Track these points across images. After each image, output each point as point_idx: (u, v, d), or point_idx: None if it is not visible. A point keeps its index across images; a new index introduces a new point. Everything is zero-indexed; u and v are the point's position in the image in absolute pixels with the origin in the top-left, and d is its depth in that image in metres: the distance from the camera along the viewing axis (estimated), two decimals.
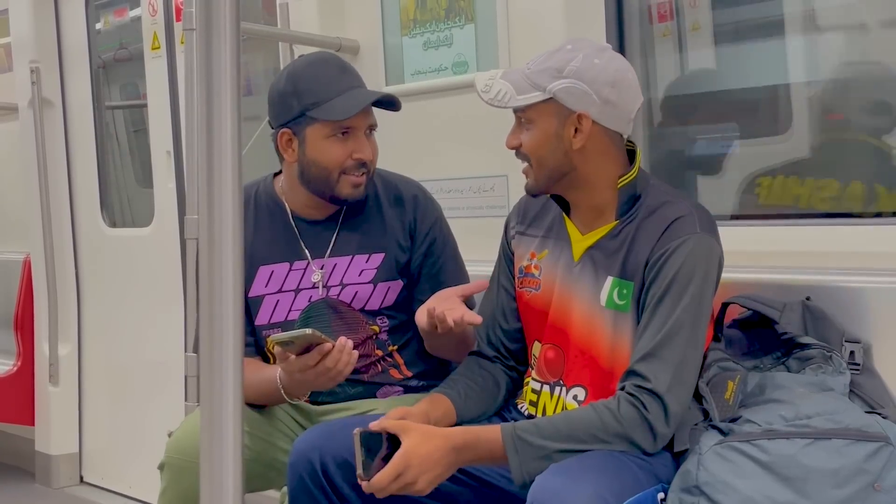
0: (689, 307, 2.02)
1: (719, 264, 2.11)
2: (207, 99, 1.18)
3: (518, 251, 2.35)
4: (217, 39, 1.17)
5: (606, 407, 1.99)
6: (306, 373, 2.23)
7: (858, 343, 2.13)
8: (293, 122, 2.44)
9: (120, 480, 4.73)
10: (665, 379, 1.98)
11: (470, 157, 3.05)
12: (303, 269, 2.52)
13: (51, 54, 4.82)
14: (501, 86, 2.16)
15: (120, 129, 5.10)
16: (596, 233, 2.19)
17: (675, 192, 2.21)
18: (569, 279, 2.21)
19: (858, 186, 2.60)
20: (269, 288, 2.52)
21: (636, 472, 1.94)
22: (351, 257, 2.52)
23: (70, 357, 4.88)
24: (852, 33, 2.87)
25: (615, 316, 2.13)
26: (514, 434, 1.97)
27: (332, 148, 2.42)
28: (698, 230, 2.07)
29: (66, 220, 4.88)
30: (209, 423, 1.19)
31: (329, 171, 2.44)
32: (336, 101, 2.40)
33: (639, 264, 2.10)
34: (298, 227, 2.54)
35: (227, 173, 1.19)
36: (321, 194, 2.49)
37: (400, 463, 1.93)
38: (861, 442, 1.87)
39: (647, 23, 3.01)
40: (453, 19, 3.08)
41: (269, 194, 2.59)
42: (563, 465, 1.91)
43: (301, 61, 2.55)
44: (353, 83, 2.47)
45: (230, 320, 1.19)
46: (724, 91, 3.08)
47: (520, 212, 2.39)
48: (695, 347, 2.04)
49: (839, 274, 2.25)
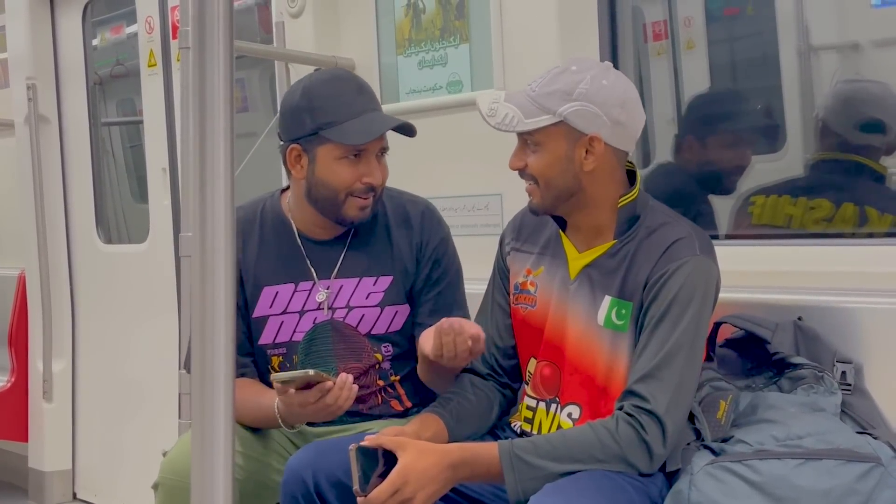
0: (687, 329, 2.02)
1: (717, 287, 2.12)
2: (201, 118, 1.18)
3: (513, 267, 2.34)
4: (211, 58, 1.18)
5: (604, 427, 1.99)
6: (306, 408, 2.21)
7: (850, 363, 2.13)
8: (304, 139, 2.39)
9: (113, 497, 4.72)
10: (663, 400, 1.98)
11: (464, 176, 3.06)
12: (308, 289, 2.48)
13: (47, 71, 4.83)
14: (508, 109, 2.14)
15: (116, 146, 5.11)
16: (593, 251, 2.19)
17: (673, 214, 2.21)
18: (565, 297, 2.21)
19: (850, 207, 2.61)
20: (273, 309, 2.48)
21: (631, 494, 1.94)
22: (358, 279, 2.48)
23: (64, 373, 4.87)
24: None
25: (613, 336, 2.13)
26: (511, 452, 1.97)
27: (342, 170, 2.37)
28: (698, 252, 2.08)
29: (62, 236, 4.88)
30: (200, 440, 1.20)
31: (337, 192, 2.39)
32: (352, 125, 2.35)
33: (638, 284, 2.10)
34: (305, 247, 2.50)
35: (219, 192, 1.19)
36: (326, 213, 2.44)
37: (398, 479, 1.92)
38: (852, 462, 1.87)
39: (641, 41, 3.02)
40: (448, 39, 3.09)
41: (275, 212, 2.54)
42: (558, 485, 1.90)
43: (317, 77, 2.48)
44: (370, 106, 2.41)
45: (222, 338, 1.20)
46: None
47: (515, 227, 2.38)
48: (692, 369, 2.04)
49: (831, 294, 2.26)
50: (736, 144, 3.09)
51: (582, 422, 2.12)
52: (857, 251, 2.42)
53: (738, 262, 2.41)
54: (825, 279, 2.32)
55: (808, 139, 3.03)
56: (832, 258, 2.40)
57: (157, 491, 2.40)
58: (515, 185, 2.26)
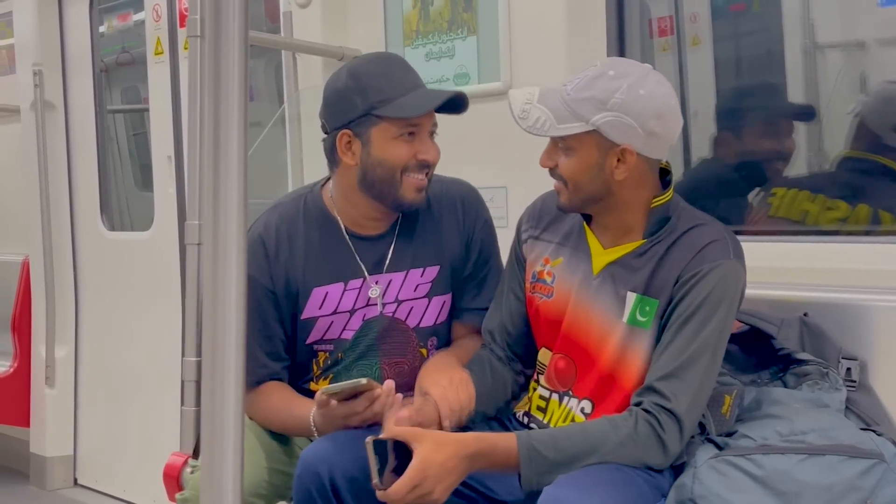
0: (713, 332, 2.01)
1: (742, 293, 2.10)
2: (215, 106, 1.18)
3: (531, 256, 2.32)
4: (226, 48, 1.18)
5: (624, 423, 1.98)
6: (350, 418, 2.17)
7: (855, 360, 2.14)
8: (355, 122, 2.33)
9: (114, 483, 4.74)
10: (685, 401, 1.98)
11: (469, 168, 3.04)
12: (358, 287, 2.42)
13: (54, 57, 4.84)
14: (540, 113, 2.09)
15: (120, 133, 5.12)
16: (620, 248, 2.16)
17: (706, 217, 2.18)
18: (587, 292, 2.18)
19: (864, 209, 2.59)
20: (323, 310, 2.42)
21: (642, 487, 1.95)
22: (406, 272, 2.43)
23: (66, 359, 4.89)
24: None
25: (631, 331, 2.11)
26: (530, 445, 1.96)
27: (398, 148, 2.32)
28: (731, 257, 2.06)
29: (66, 223, 4.90)
30: (210, 428, 1.20)
31: (394, 171, 2.32)
32: (406, 99, 2.31)
33: (667, 282, 2.08)
34: (353, 244, 2.43)
35: (232, 180, 1.19)
36: (383, 198, 2.37)
37: (417, 473, 1.90)
38: (855, 459, 1.87)
39: (647, 37, 3.02)
40: (456, 31, 3.09)
41: (319, 208, 2.46)
42: (571, 477, 1.90)
43: (362, 59, 2.44)
44: (418, 82, 2.37)
45: (233, 327, 1.20)
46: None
47: (534, 215, 2.35)
48: (713, 372, 2.03)
49: (837, 291, 2.26)
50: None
51: (594, 416, 2.12)
52: (864, 248, 2.42)
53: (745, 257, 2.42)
54: (831, 276, 2.32)
55: (812, 138, 3.02)
56: (839, 255, 2.40)
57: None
58: (520, 178, 2.25)
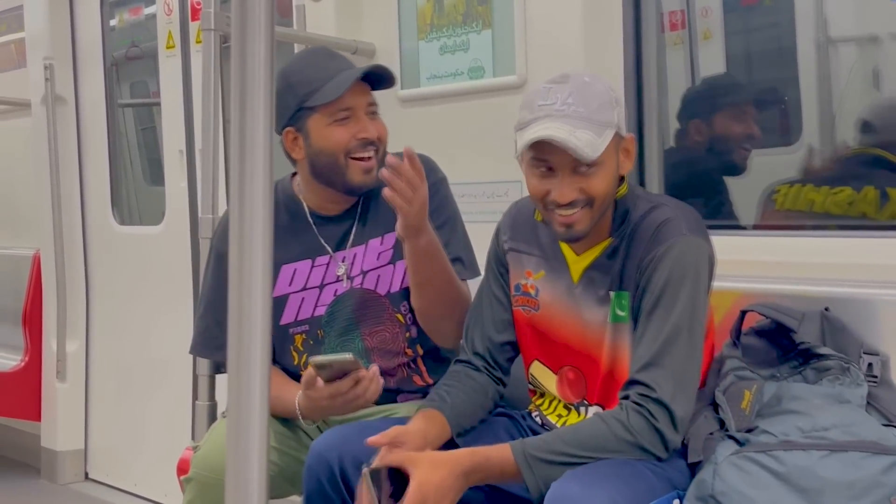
0: (684, 312, 2.02)
1: (710, 263, 2.09)
2: (241, 101, 1.18)
3: (513, 267, 2.32)
4: (252, 42, 1.18)
5: (615, 418, 1.99)
6: (335, 399, 2.23)
7: (877, 355, 2.12)
8: (294, 119, 2.44)
9: (125, 477, 4.74)
10: (668, 387, 1.98)
11: (484, 162, 3.06)
12: (325, 264, 2.52)
13: (65, 51, 4.84)
14: (579, 141, 2.01)
15: (130, 127, 5.12)
16: (592, 252, 2.18)
17: (658, 197, 2.20)
18: (572, 301, 2.20)
19: (871, 191, 2.59)
20: (293, 286, 2.51)
21: (651, 479, 1.95)
22: (366, 244, 2.52)
23: (78, 353, 4.89)
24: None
25: (616, 328, 2.13)
26: (525, 452, 1.97)
27: (334, 133, 2.41)
28: (685, 232, 2.06)
29: (77, 217, 4.90)
30: (235, 427, 1.19)
31: (336, 156, 2.42)
32: (328, 85, 2.39)
33: (632, 272, 2.10)
34: (316, 224, 2.54)
35: (258, 175, 1.19)
36: (334, 185, 2.47)
37: (416, 496, 1.91)
38: (877, 455, 1.86)
39: (658, 31, 3.01)
40: (470, 24, 3.08)
41: (287, 193, 2.58)
42: (578, 472, 1.90)
43: (289, 61, 2.56)
44: (343, 66, 2.45)
45: (258, 323, 1.19)
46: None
47: (510, 226, 2.34)
48: (693, 350, 2.03)
49: (858, 286, 2.24)
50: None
51: None
52: (887, 243, 2.41)
53: (765, 252, 2.41)
54: (853, 271, 2.31)
55: (824, 132, 3.01)
56: (861, 250, 2.39)
57: (188, 485, 2.41)
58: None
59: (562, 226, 2.09)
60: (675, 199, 2.16)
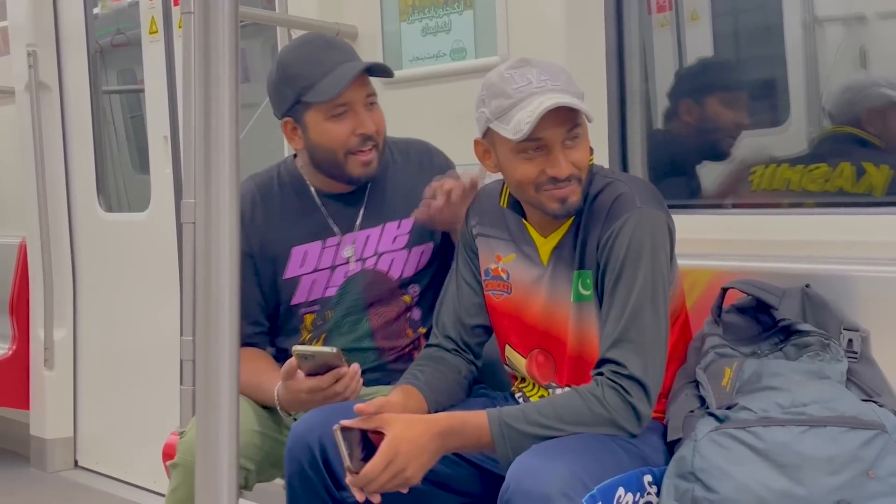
0: (645, 285, 2.02)
1: (669, 232, 2.10)
2: (205, 83, 1.17)
3: (482, 252, 2.32)
4: (215, 23, 1.17)
5: (591, 393, 1.99)
6: (314, 394, 2.22)
7: (857, 331, 2.12)
8: (291, 111, 2.43)
9: (114, 465, 4.74)
10: (638, 362, 1.99)
11: (467, 144, 3.04)
12: (336, 244, 2.51)
13: (48, 38, 4.81)
14: (573, 101, 2.03)
15: (117, 115, 5.10)
16: (556, 234, 2.19)
17: (613, 173, 2.20)
18: (542, 282, 2.20)
19: (847, 167, 2.58)
20: (304, 268, 2.50)
21: (619, 454, 1.95)
22: (382, 226, 2.52)
23: (65, 341, 4.88)
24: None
25: (580, 307, 2.14)
26: (500, 420, 1.97)
27: (333, 128, 2.40)
28: (638, 205, 2.06)
29: (63, 205, 4.88)
30: (204, 405, 1.20)
31: (335, 152, 2.42)
32: (325, 82, 2.37)
33: (592, 251, 2.10)
34: (325, 204, 2.53)
35: (224, 157, 1.19)
36: (334, 176, 2.48)
37: (389, 451, 1.91)
38: (856, 430, 1.86)
39: (645, 13, 3.00)
40: (452, 5, 3.07)
41: (291, 174, 2.56)
42: (542, 446, 1.91)
43: (288, 47, 2.53)
44: (341, 58, 2.41)
45: (226, 304, 1.19)
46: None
47: (478, 212, 2.34)
48: (658, 320, 2.04)
49: (839, 263, 2.25)
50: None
51: None
52: (866, 220, 2.41)
53: (745, 230, 2.40)
54: (833, 248, 2.31)
55: (812, 113, 3.00)
56: (841, 227, 2.39)
57: (174, 470, 2.40)
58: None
59: (557, 201, 2.09)
60: (629, 175, 2.18)
